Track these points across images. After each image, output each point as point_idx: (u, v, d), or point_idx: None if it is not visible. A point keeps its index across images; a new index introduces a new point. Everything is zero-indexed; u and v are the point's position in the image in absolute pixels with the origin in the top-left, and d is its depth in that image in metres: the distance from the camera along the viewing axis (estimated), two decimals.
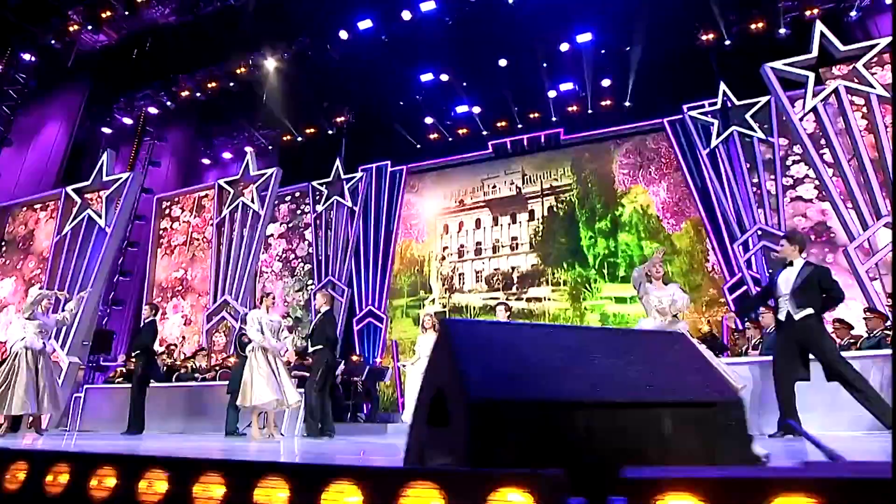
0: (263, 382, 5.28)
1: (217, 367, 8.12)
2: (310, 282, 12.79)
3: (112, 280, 11.65)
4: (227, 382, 7.32)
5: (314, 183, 13.26)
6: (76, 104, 12.08)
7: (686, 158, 11.83)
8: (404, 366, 8.15)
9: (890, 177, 6.96)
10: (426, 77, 13.21)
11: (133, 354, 6.31)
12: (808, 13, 9.94)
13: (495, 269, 13.54)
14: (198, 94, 12.26)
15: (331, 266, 12.70)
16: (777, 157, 9.69)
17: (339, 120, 13.49)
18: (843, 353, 4.46)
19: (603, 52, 11.82)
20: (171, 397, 7.40)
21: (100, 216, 8.81)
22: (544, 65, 12.42)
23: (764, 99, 10.00)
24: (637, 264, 12.83)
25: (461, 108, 13.92)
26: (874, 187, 7.06)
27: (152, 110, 13.05)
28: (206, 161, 14.97)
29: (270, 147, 13.88)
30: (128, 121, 13.37)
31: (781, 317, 4.38)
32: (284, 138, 13.98)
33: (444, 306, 13.67)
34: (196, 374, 7.98)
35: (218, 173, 15.22)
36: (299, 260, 13.21)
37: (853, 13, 9.66)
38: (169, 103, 12.62)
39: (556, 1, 10.93)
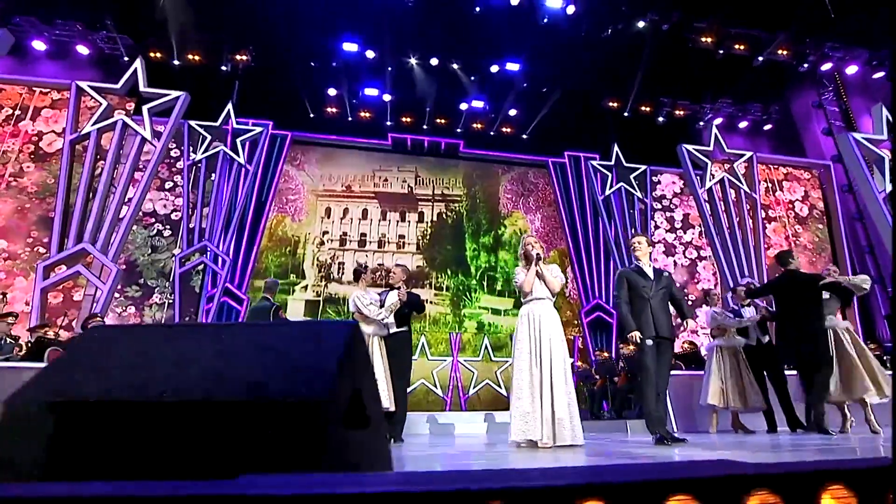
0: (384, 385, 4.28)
1: None
2: (176, 250, 9.96)
3: None
4: None
5: (194, 122, 10.50)
6: None
7: (562, 196, 13.73)
8: None
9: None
10: (350, 46, 12.06)
11: None
12: (677, 112, 12.95)
13: (379, 265, 13.02)
14: None
15: (208, 230, 10.18)
16: (649, 214, 12.19)
17: (238, 58, 11.03)
18: None
19: (525, 85, 12.85)
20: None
21: None
22: (472, 78, 12.77)
23: (643, 167, 12.52)
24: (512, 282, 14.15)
25: (371, 91, 13.09)
26: (741, 252, 9.71)
27: None
28: None
29: (126, 59, 10.33)
30: None
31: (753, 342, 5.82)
32: (151, 55, 10.63)
33: (319, 295, 12.48)
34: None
35: (13, 64, 10.58)
36: (158, 221, 10.13)
37: (701, 123, 13.01)
38: None
39: (510, 23, 11.49)
